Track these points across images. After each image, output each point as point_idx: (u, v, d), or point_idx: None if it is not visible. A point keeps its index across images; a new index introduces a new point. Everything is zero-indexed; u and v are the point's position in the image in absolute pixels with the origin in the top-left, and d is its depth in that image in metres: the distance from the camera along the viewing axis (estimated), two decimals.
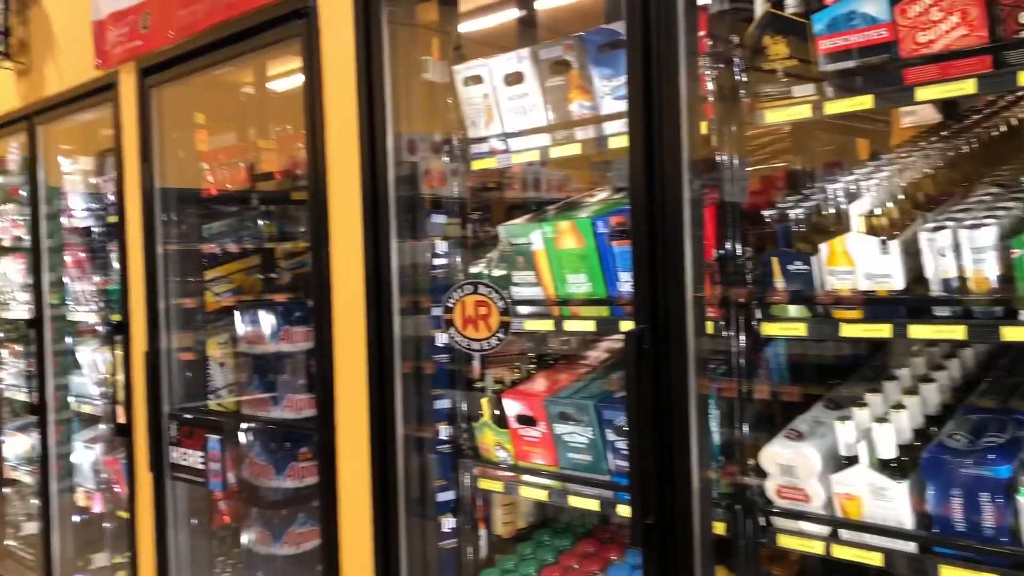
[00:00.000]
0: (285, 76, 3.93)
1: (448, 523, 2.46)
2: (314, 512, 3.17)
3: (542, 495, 2.18)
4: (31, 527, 4.55)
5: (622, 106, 1.93)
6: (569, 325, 2.09)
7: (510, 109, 2.20)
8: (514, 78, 2.17)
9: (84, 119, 3.83)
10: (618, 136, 1.95)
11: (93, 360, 3.99)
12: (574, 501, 2.09)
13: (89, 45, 3.45)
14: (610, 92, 2.01)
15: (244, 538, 3.37)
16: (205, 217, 3.55)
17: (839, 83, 1.64)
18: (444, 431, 2.45)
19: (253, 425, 3.32)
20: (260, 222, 3.69)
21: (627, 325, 1.85)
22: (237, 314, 3.34)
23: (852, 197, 1.75)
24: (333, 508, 2.47)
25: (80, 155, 4.04)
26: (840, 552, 1.65)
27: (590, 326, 2.05)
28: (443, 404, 2.47)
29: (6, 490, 4.76)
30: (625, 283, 1.97)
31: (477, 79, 2.24)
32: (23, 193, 4.33)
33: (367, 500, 2.37)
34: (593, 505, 2.06)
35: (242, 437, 3.31)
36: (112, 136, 3.43)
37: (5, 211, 4.66)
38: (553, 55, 2.10)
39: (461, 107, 2.30)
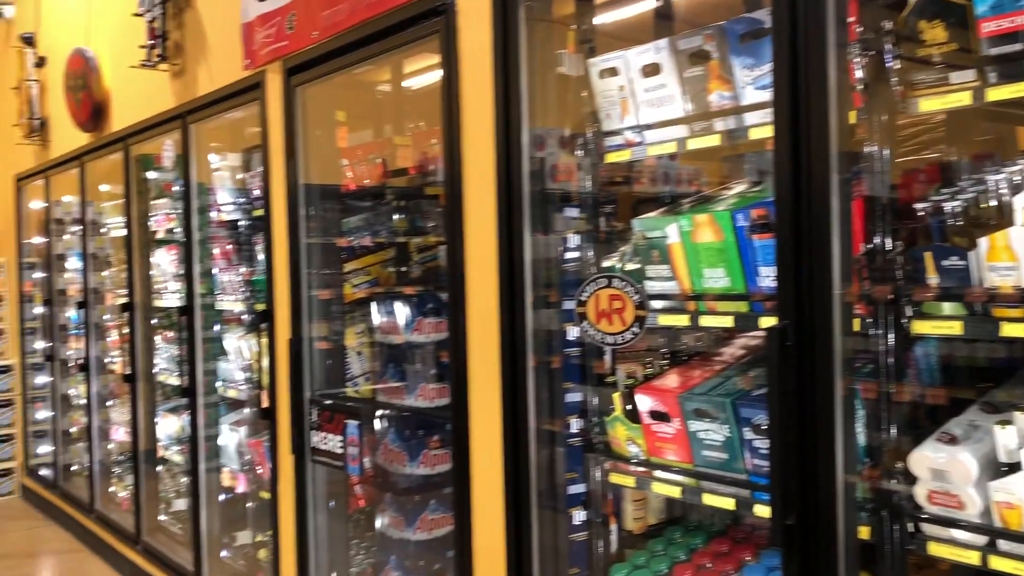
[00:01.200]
0: (420, 73, 4.02)
1: (578, 516, 2.47)
2: (445, 499, 3.24)
3: (675, 492, 2.15)
4: (180, 504, 4.82)
5: (764, 96, 1.89)
6: (705, 320, 2.06)
7: (646, 101, 2.18)
8: (651, 69, 2.15)
9: (232, 117, 4.02)
10: (760, 127, 1.91)
11: (239, 347, 4.19)
12: (708, 499, 2.06)
13: (238, 47, 3.62)
14: (751, 82, 1.96)
15: (378, 522, 3.47)
16: (344, 212, 3.67)
17: (1002, 68, 1.55)
18: (575, 424, 2.46)
19: (388, 412, 3.42)
20: (395, 216, 3.79)
21: (768, 321, 1.80)
22: (374, 305, 3.44)
23: (1016, 189, 1.65)
24: (466, 497, 2.52)
25: (228, 152, 4.25)
26: (999, 564, 1.57)
27: (727, 322, 2.01)
28: (574, 398, 2.47)
29: (158, 468, 5.06)
30: (765, 278, 1.92)
31: (613, 71, 2.23)
32: (176, 188, 4.58)
33: (499, 490, 2.40)
34: (728, 504, 2.03)
35: (377, 424, 3.42)
36: (258, 133, 3.60)
37: (159, 205, 4.94)
38: (692, 45, 2.07)
39: (595, 100, 2.29)
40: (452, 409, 2.59)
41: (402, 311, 3.36)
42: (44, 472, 6.63)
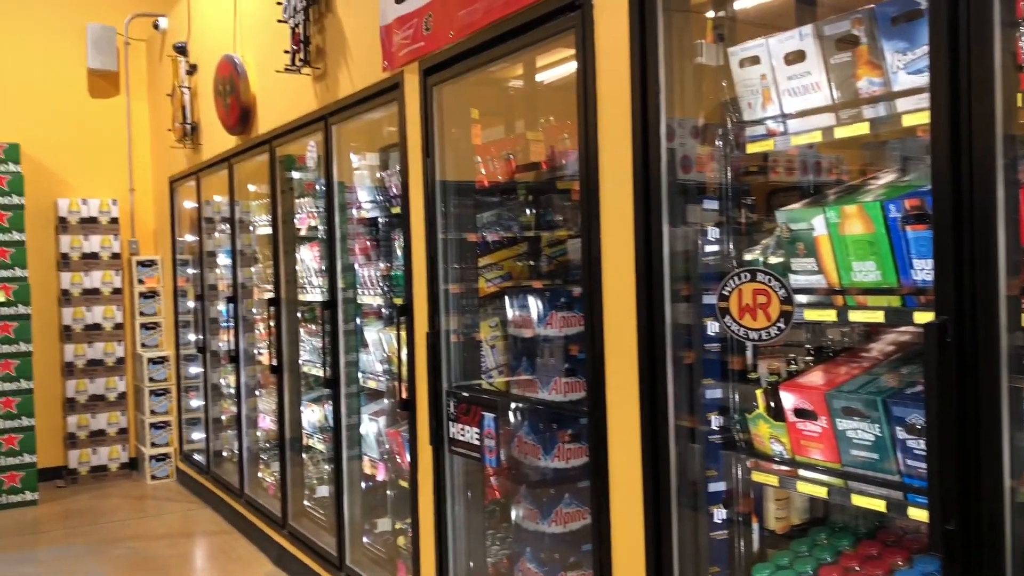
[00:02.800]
0: (551, 68, 4.03)
1: (719, 514, 2.43)
2: (579, 493, 3.25)
3: (821, 492, 2.09)
4: (324, 490, 5.02)
5: (919, 81, 1.80)
6: (854, 316, 1.99)
7: (790, 89, 2.12)
8: (795, 56, 2.09)
9: (370, 118, 4.15)
10: (913, 113, 1.82)
11: (378, 339, 4.33)
12: (858, 500, 1.99)
13: (377, 49, 3.73)
14: (904, 67, 1.87)
15: (513, 513, 3.52)
16: (477, 207, 3.73)
17: None
18: (715, 421, 2.42)
19: (522, 405, 3.45)
20: (526, 211, 3.82)
21: (924, 316, 1.72)
22: (507, 299, 3.48)
23: None
24: (604, 492, 2.52)
25: (367, 151, 4.39)
26: None
27: (877, 317, 1.93)
28: (714, 394, 2.43)
29: (302, 455, 5.28)
30: (920, 271, 1.83)
31: (754, 60, 2.17)
32: (317, 187, 4.77)
33: (638, 485, 2.39)
34: (879, 505, 1.95)
35: (512, 416, 3.46)
36: (396, 133, 3.70)
37: (302, 204, 5.15)
38: (839, 31, 1.99)
39: (735, 89, 2.24)
40: (589, 404, 2.59)
41: (535, 305, 3.38)
42: (197, 457, 7.04)
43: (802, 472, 2.13)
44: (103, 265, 7.47)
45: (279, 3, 4.43)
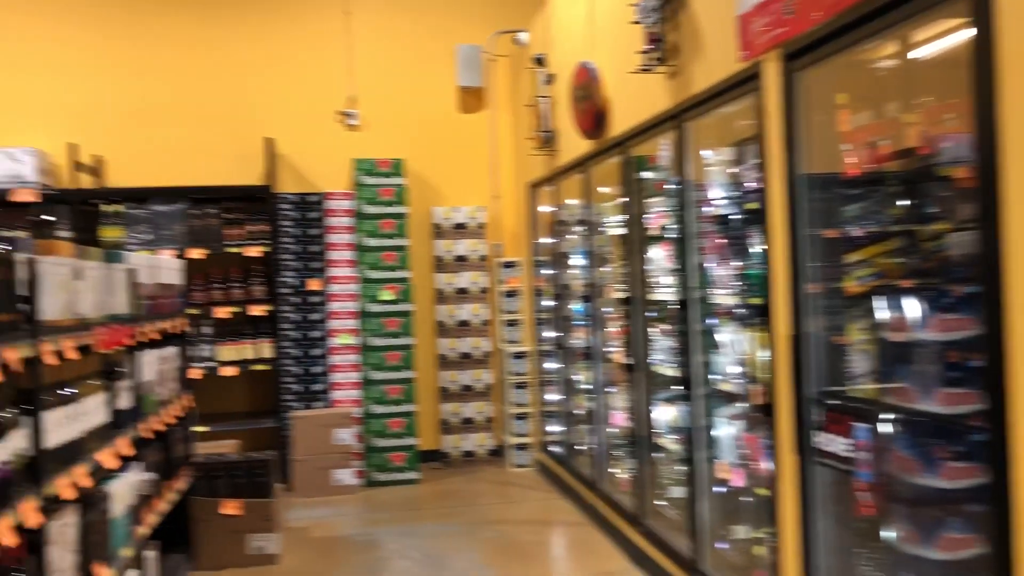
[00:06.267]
0: (927, 43, 3.64)
1: None
2: (969, 517, 2.88)
3: None
4: (676, 491, 4.99)
5: None
6: None
7: None
8: None
9: (721, 113, 4.04)
10: None
11: (732, 340, 4.20)
12: None
13: (732, 41, 3.61)
14: None
15: (886, 533, 3.22)
16: (843, 200, 3.47)
17: None
18: None
19: (897, 416, 3.14)
20: (898, 202, 3.48)
21: None
22: (879, 299, 3.19)
23: None
24: (1004, 522, 2.20)
25: (718, 147, 4.28)
26: None
27: None
28: None
29: (654, 454, 5.30)
30: None
31: None
32: (669, 186, 4.74)
33: None
34: None
35: (886, 428, 3.17)
36: (752, 125, 3.55)
37: (652, 204, 5.16)
38: None
39: None
40: (985, 419, 2.28)
41: (913, 306, 3.06)
42: (554, 449, 7.37)
43: None
44: (472, 267, 8.11)
45: (633, 4, 4.47)
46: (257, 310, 7.27)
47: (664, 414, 5.13)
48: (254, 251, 7.29)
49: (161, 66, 7.84)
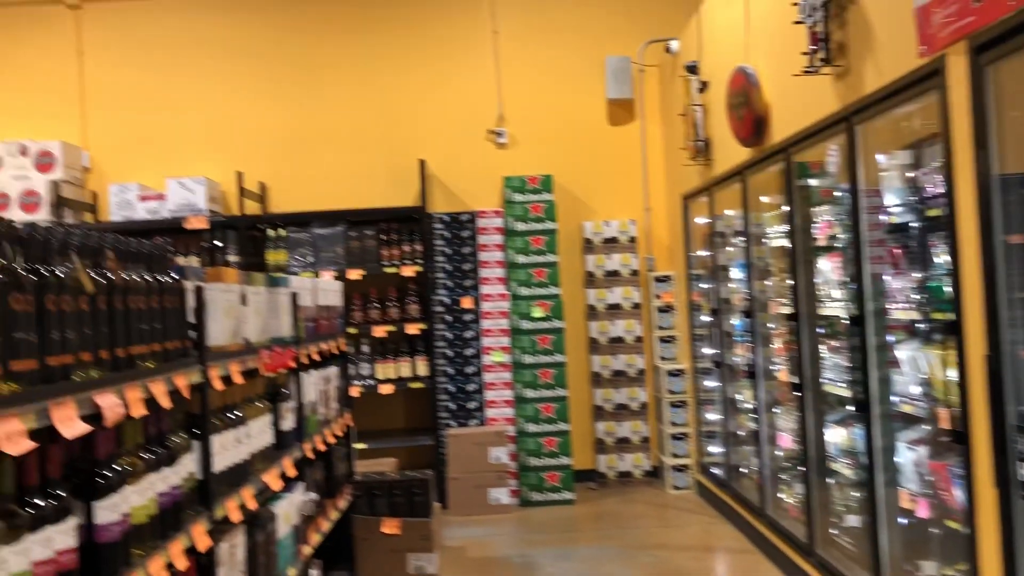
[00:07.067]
0: None
1: None
2: None
3: None
4: (852, 519, 4.65)
5: None
6: None
7: None
8: None
9: (896, 113, 3.74)
10: None
11: (913, 358, 3.87)
12: None
13: (908, 35, 3.33)
14: None
15: None
16: None
17: None
18: None
19: None
20: None
21: None
22: None
23: None
24: None
25: (891, 150, 3.97)
26: None
27: None
28: None
29: (826, 479, 4.97)
30: None
31: None
32: (837, 193, 4.45)
33: None
34: None
35: None
36: (930, 126, 3.25)
37: (818, 212, 4.86)
38: None
39: None
40: None
41: None
42: (715, 471, 7.08)
43: None
44: (623, 281, 7.94)
45: (794, 3, 4.22)
46: (412, 328, 7.38)
47: (836, 436, 4.81)
48: (409, 270, 7.42)
49: (319, 94, 8.14)
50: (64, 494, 1.86)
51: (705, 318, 7.29)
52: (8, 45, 8.07)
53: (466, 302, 7.57)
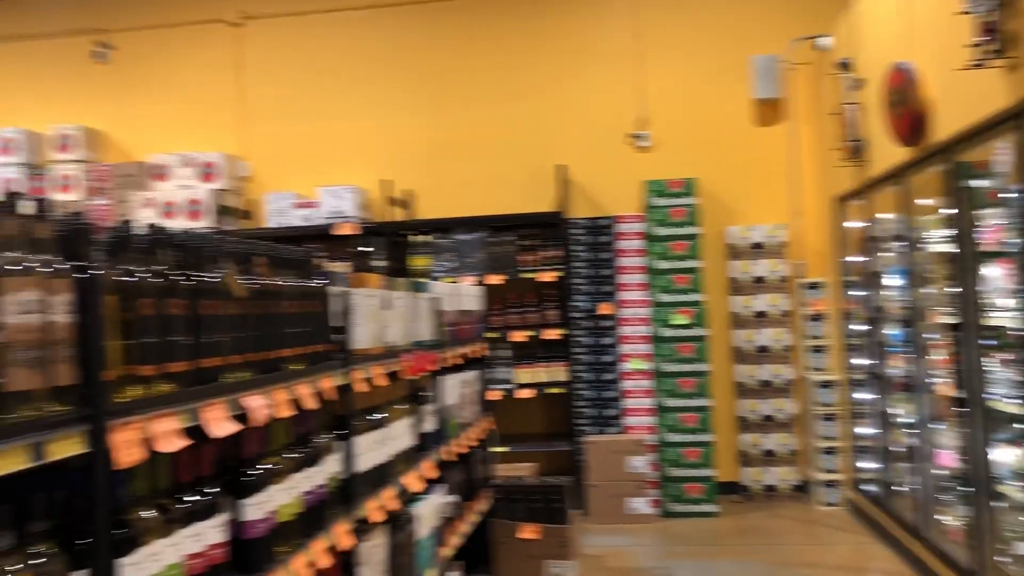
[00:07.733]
0: None
1: None
2: None
3: None
4: (1022, 548, 4.30)
5: None
6: None
7: None
8: None
9: None
10: None
11: None
12: None
13: None
14: None
15: None
16: None
17: None
18: None
19: None
20: None
21: None
22: None
23: None
24: None
25: None
26: None
27: None
28: None
29: (993, 503, 4.61)
30: None
31: None
32: (1007, 195, 4.13)
33: None
34: None
35: None
36: None
37: (984, 216, 4.53)
38: None
39: None
40: None
41: None
42: (868, 488, 6.72)
43: None
44: (770, 288, 7.67)
45: None
46: (551, 334, 7.38)
47: (1006, 456, 4.46)
48: (547, 276, 7.42)
49: (461, 105, 8.28)
50: (215, 491, 1.93)
51: (859, 327, 6.93)
52: (172, 63, 8.61)
53: (605, 308, 7.49)
